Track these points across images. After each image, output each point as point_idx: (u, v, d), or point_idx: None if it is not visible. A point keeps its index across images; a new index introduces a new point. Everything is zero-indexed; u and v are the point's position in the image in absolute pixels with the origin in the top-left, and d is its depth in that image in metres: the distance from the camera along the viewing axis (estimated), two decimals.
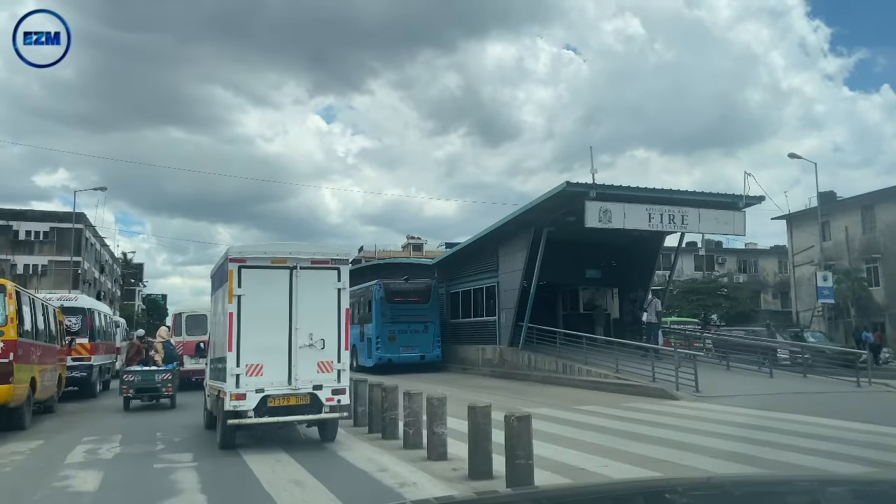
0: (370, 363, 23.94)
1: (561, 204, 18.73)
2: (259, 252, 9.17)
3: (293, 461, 8.05)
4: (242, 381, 8.53)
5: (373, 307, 24.44)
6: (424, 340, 24.36)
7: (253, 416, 8.52)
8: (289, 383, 8.73)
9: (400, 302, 24.49)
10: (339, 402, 8.90)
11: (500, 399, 12.93)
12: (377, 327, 24.05)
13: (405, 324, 24.32)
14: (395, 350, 23.94)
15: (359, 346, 25.79)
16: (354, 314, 27.49)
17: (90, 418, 13.51)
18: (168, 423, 11.97)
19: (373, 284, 24.96)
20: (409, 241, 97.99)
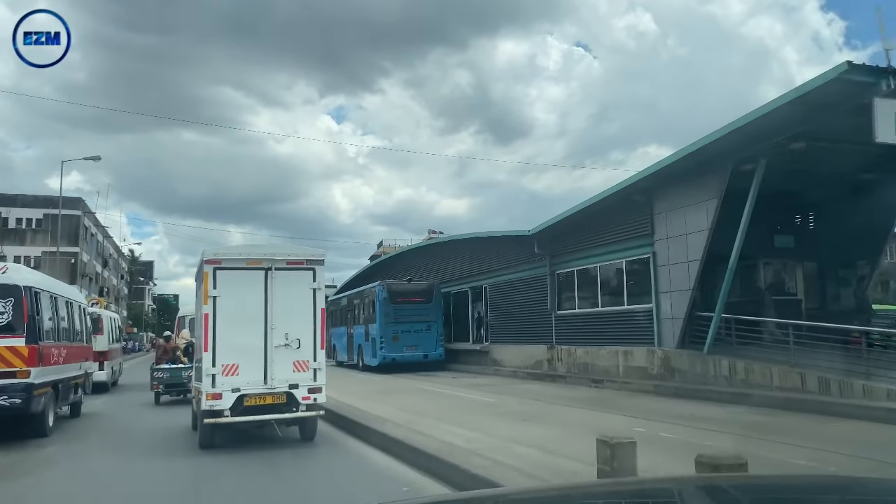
0: (375, 362, 25.28)
1: (809, 113, 10.94)
2: (234, 254, 9.56)
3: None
4: (218, 380, 8.83)
5: (376, 308, 25.81)
6: (428, 340, 25.76)
7: (229, 416, 8.82)
8: (265, 382, 9.05)
9: (403, 302, 25.91)
10: (316, 400, 9.25)
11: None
12: (381, 327, 25.49)
13: (408, 324, 25.74)
14: (398, 349, 25.35)
15: (364, 346, 27.27)
16: (359, 315, 29.19)
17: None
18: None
19: (376, 285, 26.36)
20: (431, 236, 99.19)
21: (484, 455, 7.30)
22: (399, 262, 33.55)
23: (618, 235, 17.61)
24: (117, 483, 7.72)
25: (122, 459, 9.00)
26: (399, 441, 8.60)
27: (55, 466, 8.88)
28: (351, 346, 29.66)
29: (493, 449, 7.75)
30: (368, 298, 27.28)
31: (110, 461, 9.00)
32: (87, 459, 9.49)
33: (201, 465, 8.46)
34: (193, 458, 8.87)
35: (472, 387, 17.82)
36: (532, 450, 7.82)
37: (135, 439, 10.94)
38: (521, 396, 14.95)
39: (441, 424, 9.98)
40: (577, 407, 12.87)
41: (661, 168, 14.77)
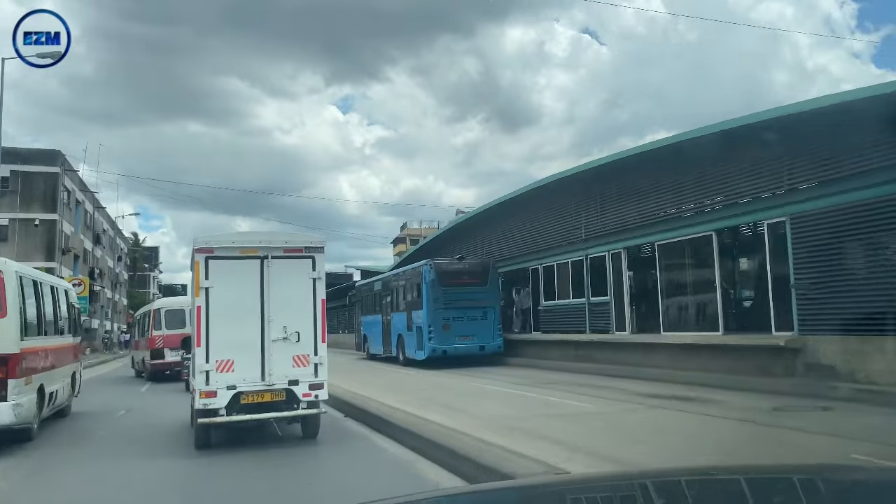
0: (421, 355, 22.67)
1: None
2: (227, 241, 9.27)
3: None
4: (212, 377, 8.68)
5: (423, 291, 23.16)
6: (484, 328, 23.17)
7: (224, 415, 8.68)
8: (262, 379, 8.90)
9: (454, 284, 23.34)
10: (317, 397, 9.08)
11: None
12: (429, 314, 22.91)
13: (461, 310, 23.20)
14: (450, 340, 22.84)
15: (406, 337, 24.51)
16: (399, 300, 26.67)
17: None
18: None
19: (422, 265, 23.65)
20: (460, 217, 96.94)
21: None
22: (469, 235, 28.85)
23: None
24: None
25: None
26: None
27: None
28: (388, 337, 27.17)
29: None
30: (412, 281, 24.71)
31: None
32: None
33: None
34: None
35: (557, 387, 14.92)
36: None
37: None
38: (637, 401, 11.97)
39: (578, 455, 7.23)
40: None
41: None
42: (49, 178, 36.63)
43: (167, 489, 7.47)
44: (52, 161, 36.33)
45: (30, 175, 36.22)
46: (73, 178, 41.26)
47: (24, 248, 35.00)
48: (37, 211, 36.41)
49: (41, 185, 36.62)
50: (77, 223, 43.08)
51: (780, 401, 11.00)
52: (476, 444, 7.70)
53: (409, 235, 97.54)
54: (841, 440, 7.94)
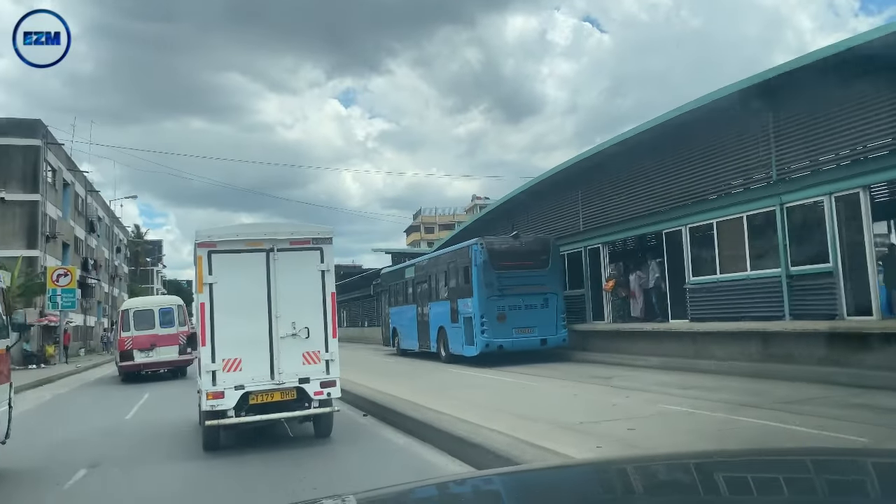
0: (473, 351, 19.46)
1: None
2: (230, 234, 8.99)
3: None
4: (219, 377, 8.45)
5: (473, 276, 19.78)
6: (545, 318, 19.82)
7: (233, 416, 8.47)
8: (272, 377, 8.70)
9: (510, 267, 20.06)
10: (329, 395, 8.86)
11: None
12: (480, 302, 19.56)
13: (518, 296, 19.91)
14: (506, 332, 19.55)
15: (450, 330, 21.43)
16: (439, 287, 23.49)
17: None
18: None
19: (471, 244, 20.17)
20: (476, 203, 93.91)
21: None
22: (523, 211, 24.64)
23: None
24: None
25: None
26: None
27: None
28: (424, 330, 23.83)
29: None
30: (457, 264, 21.31)
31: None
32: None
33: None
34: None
35: (677, 391, 11.36)
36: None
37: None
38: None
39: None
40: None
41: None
42: (29, 152, 32.45)
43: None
44: (31, 133, 32.06)
45: (5, 149, 32.17)
46: (59, 156, 37.45)
47: (2, 232, 31.82)
48: (15, 190, 32.11)
49: (19, 160, 32.52)
50: (65, 207, 39.09)
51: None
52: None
53: (424, 223, 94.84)
54: None
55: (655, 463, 2.55)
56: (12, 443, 8.40)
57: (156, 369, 21.17)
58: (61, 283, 28.41)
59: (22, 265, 29.90)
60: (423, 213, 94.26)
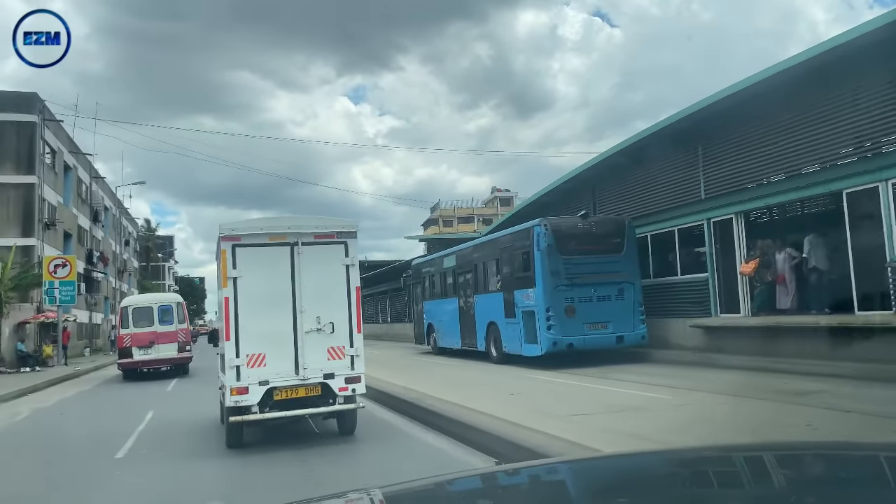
0: (536, 350, 16.59)
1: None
2: (255, 228, 8.95)
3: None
4: (243, 372, 8.39)
5: (535, 262, 16.83)
6: (621, 311, 16.75)
7: (257, 412, 8.38)
8: (296, 373, 8.61)
9: (578, 252, 17.14)
10: (354, 391, 8.80)
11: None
12: (545, 294, 16.53)
13: (589, 286, 16.94)
14: (576, 328, 16.56)
15: (503, 326, 18.47)
16: (488, 277, 20.68)
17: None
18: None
19: (532, 226, 17.12)
20: (496, 195, 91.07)
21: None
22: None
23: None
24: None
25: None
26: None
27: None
28: (469, 326, 20.94)
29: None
30: (515, 249, 18.32)
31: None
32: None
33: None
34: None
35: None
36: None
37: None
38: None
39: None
40: None
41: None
42: (23, 129, 29.37)
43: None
44: (27, 108, 28.79)
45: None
46: (60, 137, 34.37)
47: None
48: (8, 172, 29.08)
49: (13, 137, 29.53)
50: (67, 193, 36.00)
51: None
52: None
53: (442, 216, 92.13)
54: None
55: (684, 455, 2.58)
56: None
57: (156, 367, 21.04)
58: (59, 275, 25.54)
59: (17, 255, 27.09)
60: (441, 207, 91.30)
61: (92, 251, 39.74)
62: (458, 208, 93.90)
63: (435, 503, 2.14)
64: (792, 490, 1.94)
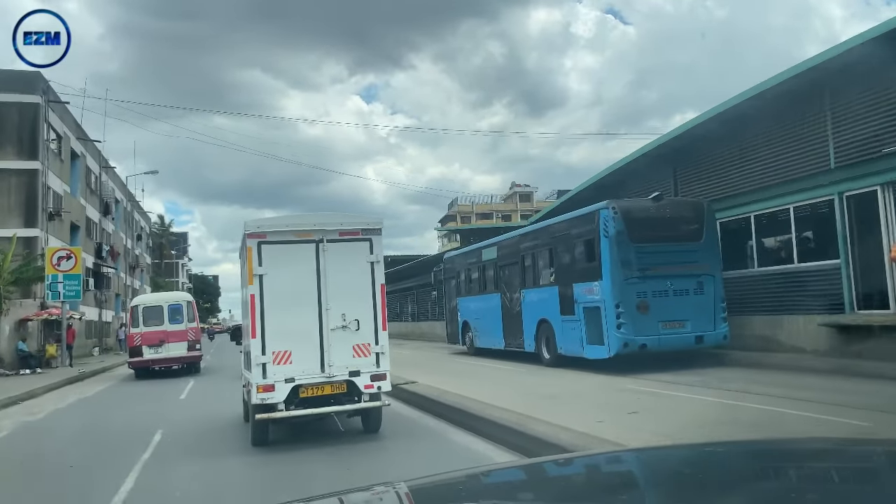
0: (602, 353, 14.40)
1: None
2: (280, 225, 8.94)
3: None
4: (270, 370, 8.37)
5: (602, 251, 14.61)
6: (700, 308, 14.48)
7: (283, 410, 8.33)
8: (322, 370, 8.58)
9: (652, 239, 14.92)
10: (380, 388, 8.76)
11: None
12: (614, 287, 14.30)
13: (664, 279, 14.67)
14: (650, 327, 14.23)
15: (558, 324, 16.27)
16: (539, 269, 18.50)
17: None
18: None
19: (598, 210, 14.82)
20: (515, 190, 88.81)
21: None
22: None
23: None
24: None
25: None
26: None
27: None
28: (514, 324, 18.75)
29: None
30: (574, 237, 16.02)
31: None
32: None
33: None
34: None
35: None
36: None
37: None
38: None
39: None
40: None
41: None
42: (25, 110, 27.14)
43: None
44: (29, 88, 26.39)
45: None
46: (67, 122, 32.17)
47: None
48: (9, 157, 26.85)
49: (14, 119, 27.35)
50: (74, 182, 33.79)
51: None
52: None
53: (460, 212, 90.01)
54: None
55: (709, 450, 2.57)
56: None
57: (166, 366, 21.10)
58: (63, 268, 23.49)
59: (18, 247, 25.01)
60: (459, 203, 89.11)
61: (101, 245, 37.68)
62: (477, 204, 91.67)
63: (460, 497, 2.09)
64: (794, 486, 1.93)
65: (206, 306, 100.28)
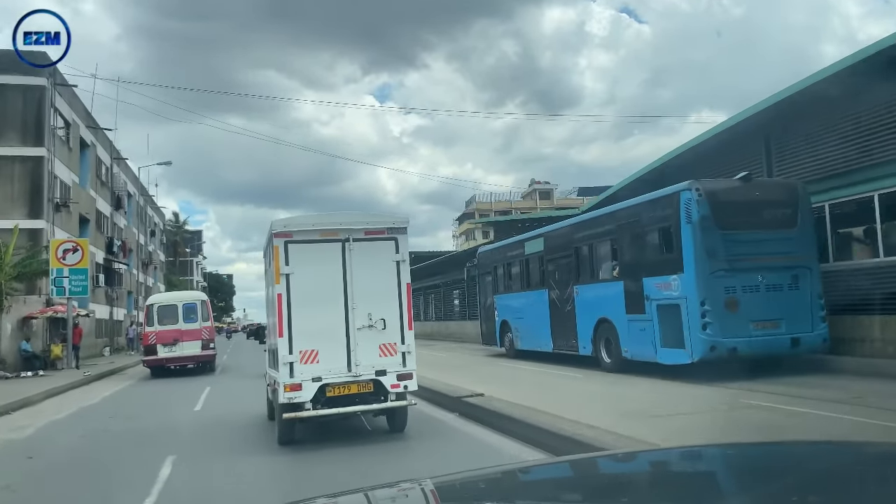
0: (683, 357, 12.43)
1: None
2: (306, 224, 8.91)
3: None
4: (297, 369, 8.35)
5: (683, 239, 12.53)
6: (795, 305, 12.49)
7: (310, 409, 8.34)
8: (348, 369, 8.56)
9: (741, 226, 12.89)
10: (406, 388, 8.70)
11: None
12: (698, 280, 12.29)
13: (755, 272, 12.62)
14: (740, 328, 12.19)
15: (622, 323, 14.38)
16: (597, 261, 16.29)
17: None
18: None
19: (679, 191, 12.72)
20: (535, 187, 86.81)
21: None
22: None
23: None
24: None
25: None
26: None
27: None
28: (566, 324, 16.81)
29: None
30: (645, 224, 13.98)
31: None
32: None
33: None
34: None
35: None
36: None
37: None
38: None
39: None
40: None
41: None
42: (30, 94, 25.21)
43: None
44: (34, 69, 23.78)
45: (2, 89, 24.78)
46: (76, 108, 30.26)
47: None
48: (13, 143, 24.92)
49: (18, 103, 25.08)
50: (84, 172, 31.91)
51: None
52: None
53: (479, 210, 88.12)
54: None
55: (738, 449, 2.59)
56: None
57: (181, 364, 21.18)
58: (69, 261, 21.63)
59: (23, 239, 23.17)
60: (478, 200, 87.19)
61: (112, 239, 35.87)
62: (496, 202, 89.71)
63: (485, 494, 2.11)
64: (794, 488, 1.88)
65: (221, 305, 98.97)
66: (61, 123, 28.10)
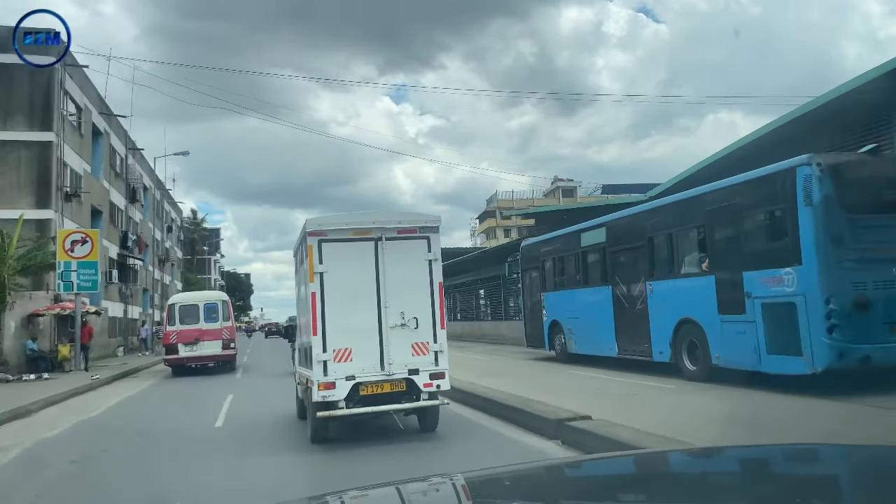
0: (802, 366, 10.30)
1: None
2: (340, 223, 8.95)
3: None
4: (330, 367, 8.38)
5: (800, 224, 10.38)
6: None
7: (344, 407, 8.35)
8: (381, 368, 8.58)
9: (871, 209, 10.66)
10: (439, 387, 8.70)
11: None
12: (822, 273, 10.17)
13: (887, 263, 10.49)
14: (873, 332, 10.04)
15: (712, 326, 12.30)
16: (675, 253, 13.98)
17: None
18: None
19: (797, 165, 10.51)
20: (558, 185, 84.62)
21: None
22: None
23: None
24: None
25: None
26: None
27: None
28: (636, 325, 14.71)
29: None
30: (748, 207, 11.84)
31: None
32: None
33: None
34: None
35: None
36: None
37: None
38: None
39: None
40: None
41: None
42: (38, 75, 23.13)
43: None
44: (42, 49, 22.91)
45: (7, 69, 22.70)
46: (87, 92, 28.49)
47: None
48: (19, 127, 23.29)
49: (24, 85, 23.45)
50: (96, 160, 30.10)
51: None
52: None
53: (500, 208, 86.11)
54: None
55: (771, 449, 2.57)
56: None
57: (203, 363, 21.40)
58: (77, 254, 19.82)
59: (30, 231, 21.31)
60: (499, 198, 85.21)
61: (127, 233, 34.07)
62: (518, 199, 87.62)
63: (515, 490, 2.11)
64: (794, 490, 1.91)
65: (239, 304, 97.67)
66: (72, 108, 26.42)
